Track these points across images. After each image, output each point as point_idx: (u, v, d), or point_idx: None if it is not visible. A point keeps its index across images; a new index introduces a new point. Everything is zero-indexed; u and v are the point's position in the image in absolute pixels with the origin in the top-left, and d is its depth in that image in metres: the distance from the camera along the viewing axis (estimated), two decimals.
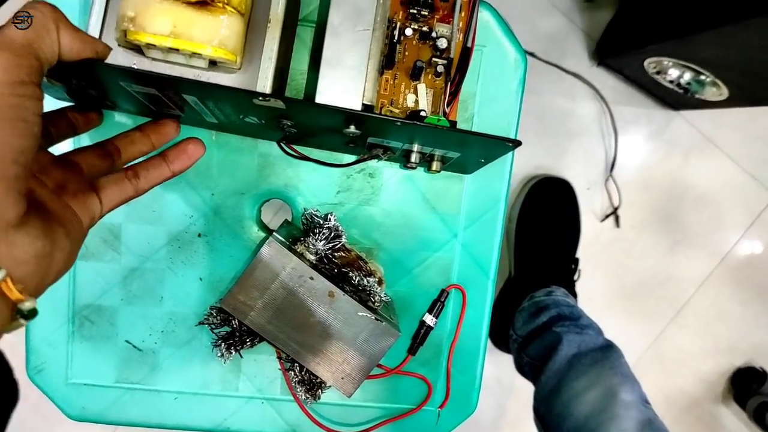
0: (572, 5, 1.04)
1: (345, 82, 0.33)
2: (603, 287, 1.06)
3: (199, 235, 0.45)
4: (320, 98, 0.33)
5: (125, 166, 0.35)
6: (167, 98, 0.35)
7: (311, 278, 0.37)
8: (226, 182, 0.44)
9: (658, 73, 0.92)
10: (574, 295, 0.97)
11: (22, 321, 0.26)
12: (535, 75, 1.02)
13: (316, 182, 0.45)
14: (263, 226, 0.46)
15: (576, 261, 0.99)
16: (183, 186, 0.44)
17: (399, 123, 0.32)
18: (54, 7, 0.27)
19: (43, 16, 0.26)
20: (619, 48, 0.95)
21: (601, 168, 1.05)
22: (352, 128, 0.34)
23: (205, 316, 0.42)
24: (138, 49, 0.34)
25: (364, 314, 0.38)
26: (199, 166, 0.44)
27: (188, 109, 0.38)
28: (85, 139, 0.43)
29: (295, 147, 0.44)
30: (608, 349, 0.67)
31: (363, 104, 0.37)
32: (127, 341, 0.45)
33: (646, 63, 0.90)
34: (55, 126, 0.34)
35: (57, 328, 0.45)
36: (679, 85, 0.93)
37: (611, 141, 1.05)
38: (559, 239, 0.98)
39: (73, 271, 0.44)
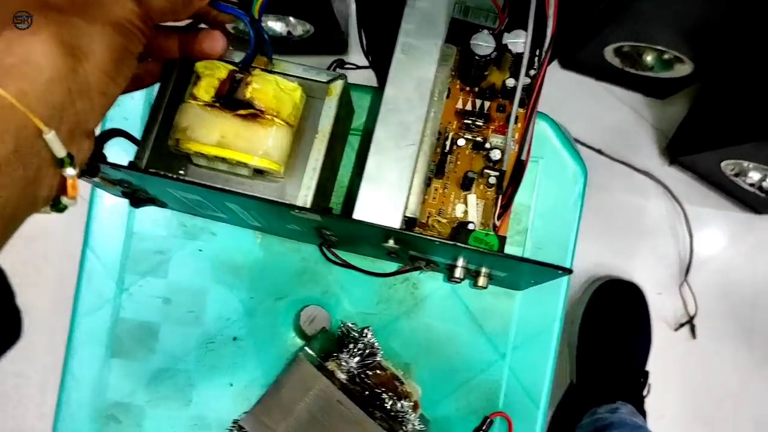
0: (641, 100, 1.01)
1: (386, 198, 0.31)
2: (676, 406, 0.95)
3: (234, 339, 0.43)
4: (359, 213, 0.31)
5: None
6: (212, 204, 0.35)
7: (339, 402, 0.34)
8: (265, 286, 0.43)
9: (737, 175, 0.86)
10: (643, 413, 0.87)
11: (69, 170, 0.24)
12: (602, 170, 0.99)
13: (356, 290, 0.43)
14: (300, 333, 0.44)
15: (645, 374, 0.90)
16: (222, 287, 0.43)
17: (438, 243, 0.30)
18: None
19: None
20: (694, 147, 0.91)
21: (674, 272, 0.98)
22: (391, 243, 0.32)
23: (228, 430, 0.40)
24: (189, 157, 0.34)
25: None
26: (240, 267, 0.43)
27: (232, 214, 0.37)
28: None
29: (337, 253, 0.42)
30: None
31: (406, 217, 0.35)
32: None
33: (723, 164, 0.85)
34: None
35: (81, 426, 0.44)
36: (761, 188, 0.86)
37: (686, 243, 0.97)
38: (628, 348, 0.90)
39: (104, 367, 0.43)
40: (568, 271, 0.29)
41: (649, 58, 0.85)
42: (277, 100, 0.33)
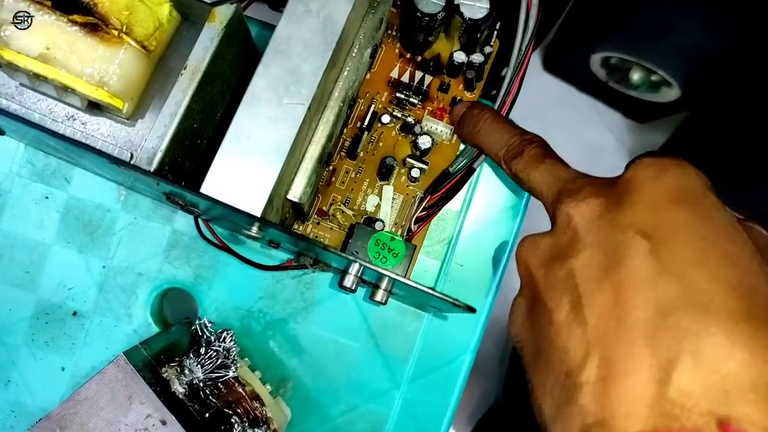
0: (621, 121, 0.95)
1: (250, 169, 0.23)
2: None
3: (75, 314, 0.35)
4: (210, 185, 0.23)
5: None
6: (44, 141, 0.27)
7: (163, 423, 0.26)
8: (124, 255, 0.35)
9: None
10: None
11: None
12: None
13: (236, 279, 0.35)
14: (158, 320, 0.35)
15: None
16: (70, 249, 0.35)
17: (302, 243, 0.22)
18: None
19: None
20: None
21: None
22: (255, 230, 0.24)
23: None
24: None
25: None
26: (95, 227, 0.35)
27: (81, 159, 0.29)
28: None
29: (216, 230, 0.34)
30: None
31: (289, 201, 0.27)
32: None
33: None
34: None
35: None
36: None
37: None
38: None
39: None
40: (471, 310, 0.22)
41: (636, 76, 0.78)
42: (131, 13, 0.24)
